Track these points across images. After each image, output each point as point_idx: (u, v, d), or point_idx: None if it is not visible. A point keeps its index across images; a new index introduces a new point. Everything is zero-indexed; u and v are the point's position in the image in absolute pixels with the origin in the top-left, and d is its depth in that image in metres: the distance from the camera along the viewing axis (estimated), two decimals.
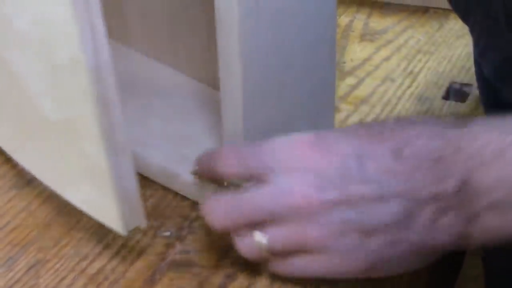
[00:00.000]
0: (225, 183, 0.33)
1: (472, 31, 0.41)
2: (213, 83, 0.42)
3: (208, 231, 0.33)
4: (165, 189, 0.38)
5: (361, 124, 0.32)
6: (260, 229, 0.28)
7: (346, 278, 0.29)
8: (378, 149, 0.27)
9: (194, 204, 0.37)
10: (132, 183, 0.29)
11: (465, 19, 0.42)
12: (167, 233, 0.35)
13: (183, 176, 0.37)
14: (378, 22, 0.55)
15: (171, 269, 0.32)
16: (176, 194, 0.38)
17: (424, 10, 0.55)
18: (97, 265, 0.33)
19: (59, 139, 0.31)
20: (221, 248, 0.33)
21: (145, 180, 0.38)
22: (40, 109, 0.30)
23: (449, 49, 0.51)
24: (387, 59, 0.51)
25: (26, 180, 0.38)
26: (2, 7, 0.29)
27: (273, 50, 0.33)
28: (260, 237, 0.28)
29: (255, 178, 0.29)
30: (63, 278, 0.32)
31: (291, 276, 0.30)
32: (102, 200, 0.30)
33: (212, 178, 0.33)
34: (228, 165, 0.31)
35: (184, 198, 0.37)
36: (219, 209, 0.30)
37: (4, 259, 0.33)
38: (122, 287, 0.31)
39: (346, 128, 0.36)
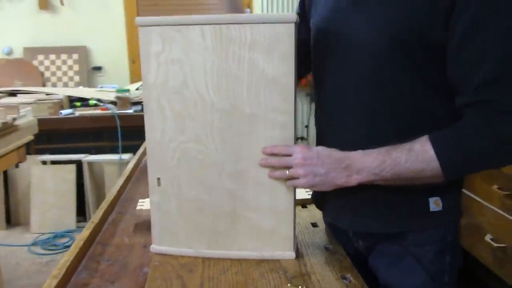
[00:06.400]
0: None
1: None
2: None
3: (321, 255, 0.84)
4: None
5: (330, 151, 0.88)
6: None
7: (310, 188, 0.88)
8: (325, 153, 0.87)
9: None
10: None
11: None
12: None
13: None
14: None
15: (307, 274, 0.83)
16: None
17: None
18: (273, 279, 0.83)
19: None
20: (328, 265, 0.82)
21: None
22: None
23: None
24: None
25: (225, 269, 0.91)
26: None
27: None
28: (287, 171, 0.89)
29: (287, 155, 0.88)
30: (264, 278, 0.82)
31: (299, 186, 0.88)
32: (281, 250, 0.85)
33: (272, 154, 0.88)
34: (277, 150, 0.88)
35: None
36: (272, 160, 0.89)
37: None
38: (285, 280, 0.80)
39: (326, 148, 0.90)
